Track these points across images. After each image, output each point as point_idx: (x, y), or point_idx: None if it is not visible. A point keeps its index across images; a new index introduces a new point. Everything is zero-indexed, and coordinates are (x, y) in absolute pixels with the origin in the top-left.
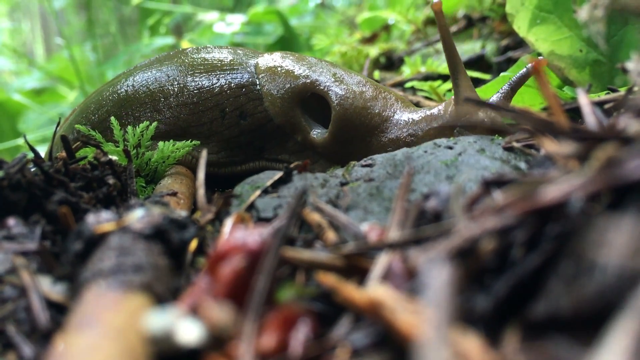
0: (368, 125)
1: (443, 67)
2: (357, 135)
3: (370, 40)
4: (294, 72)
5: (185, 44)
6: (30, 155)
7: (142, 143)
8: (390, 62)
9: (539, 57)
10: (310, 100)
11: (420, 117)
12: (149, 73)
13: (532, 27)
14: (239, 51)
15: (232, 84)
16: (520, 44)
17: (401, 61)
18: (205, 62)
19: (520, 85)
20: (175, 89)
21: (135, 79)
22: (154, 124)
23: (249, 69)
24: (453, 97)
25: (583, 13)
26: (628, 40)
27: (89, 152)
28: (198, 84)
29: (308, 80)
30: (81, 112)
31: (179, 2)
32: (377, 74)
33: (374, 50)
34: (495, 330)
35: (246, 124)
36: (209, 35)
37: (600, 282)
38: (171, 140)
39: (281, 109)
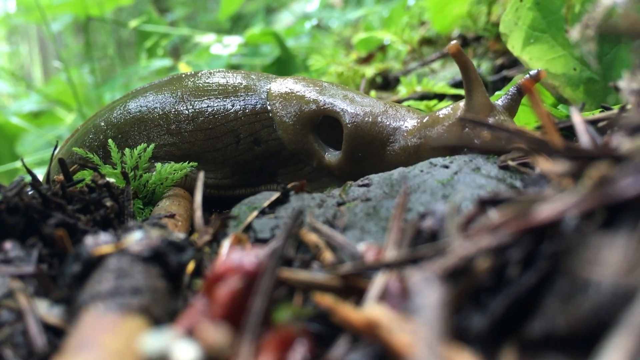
0: (380, 139)
1: (439, 86)
2: (370, 150)
3: (366, 60)
4: (304, 96)
5: (182, 66)
6: (28, 178)
7: (140, 165)
8: (387, 82)
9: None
10: (322, 127)
11: (429, 119)
12: (162, 95)
13: (526, 46)
14: (252, 76)
15: (247, 110)
16: (514, 62)
17: (397, 81)
18: (220, 88)
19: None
20: (190, 114)
21: (147, 99)
22: (152, 145)
23: (262, 95)
24: (464, 100)
25: (575, 33)
26: (621, 58)
27: (86, 175)
28: (213, 109)
29: (319, 104)
30: (88, 131)
31: (176, 25)
32: (373, 93)
33: (370, 70)
34: (491, 349)
35: (260, 150)
36: (206, 57)
37: (595, 300)
38: (171, 163)
39: (294, 136)
